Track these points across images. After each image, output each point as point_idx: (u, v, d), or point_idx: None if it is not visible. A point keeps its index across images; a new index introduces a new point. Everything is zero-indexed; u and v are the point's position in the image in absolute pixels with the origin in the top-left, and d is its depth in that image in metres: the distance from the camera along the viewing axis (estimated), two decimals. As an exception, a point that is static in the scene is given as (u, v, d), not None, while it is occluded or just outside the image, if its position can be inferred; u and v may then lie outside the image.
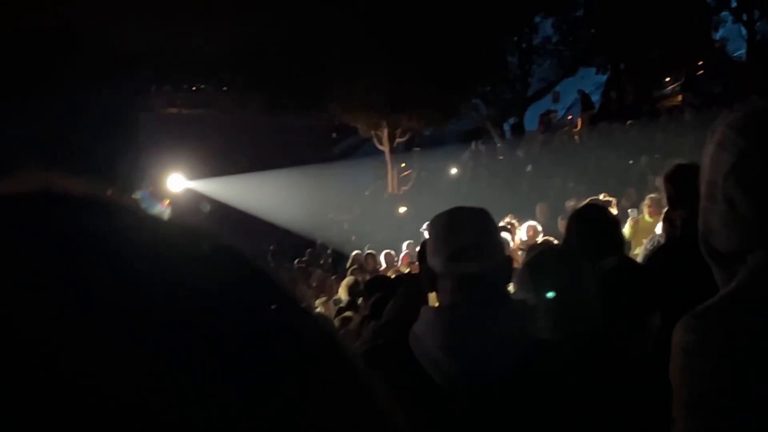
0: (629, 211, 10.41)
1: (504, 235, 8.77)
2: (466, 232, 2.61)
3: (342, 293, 9.38)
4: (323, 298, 11.43)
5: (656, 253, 4.74)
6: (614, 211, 8.64)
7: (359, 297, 7.92)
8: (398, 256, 14.86)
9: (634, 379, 3.02)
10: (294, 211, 26.40)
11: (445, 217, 2.70)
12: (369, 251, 15.43)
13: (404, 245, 15.31)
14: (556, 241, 8.54)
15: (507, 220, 11.52)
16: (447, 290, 2.60)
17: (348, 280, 9.53)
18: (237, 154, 29.44)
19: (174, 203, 23.18)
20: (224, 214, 24.14)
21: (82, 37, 29.53)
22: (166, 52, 30.79)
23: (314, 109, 30.79)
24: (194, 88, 36.45)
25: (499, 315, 2.57)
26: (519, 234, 11.00)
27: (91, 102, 30.13)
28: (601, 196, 11.71)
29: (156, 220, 0.62)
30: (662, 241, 5.96)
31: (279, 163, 28.73)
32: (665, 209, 5.58)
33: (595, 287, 3.24)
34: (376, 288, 6.40)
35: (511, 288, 3.12)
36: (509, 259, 2.79)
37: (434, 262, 2.62)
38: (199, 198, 25.77)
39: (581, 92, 30.49)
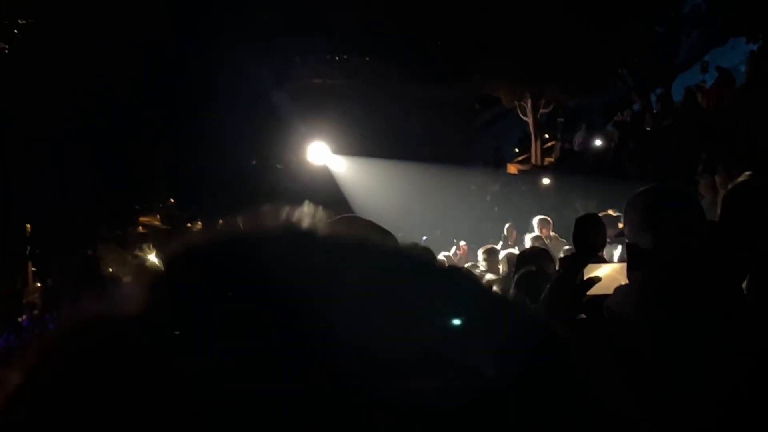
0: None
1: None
2: (679, 211, 2.76)
3: (502, 266, 9.54)
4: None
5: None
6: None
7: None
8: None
9: None
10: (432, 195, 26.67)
11: (654, 196, 2.85)
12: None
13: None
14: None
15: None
16: (654, 267, 2.74)
17: (508, 253, 9.68)
18: (379, 127, 29.77)
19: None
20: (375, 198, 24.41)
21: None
22: (309, 21, 31.29)
23: (457, 80, 30.88)
24: (337, 58, 36.92)
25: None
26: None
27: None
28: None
29: (362, 246, 0.63)
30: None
31: (421, 133, 28.98)
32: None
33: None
34: (530, 262, 6.47)
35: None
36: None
37: (643, 239, 2.78)
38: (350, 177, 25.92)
39: (719, 68, 29.62)
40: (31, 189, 33.50)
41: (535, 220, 13.27)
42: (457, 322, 0.50)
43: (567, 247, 10.56)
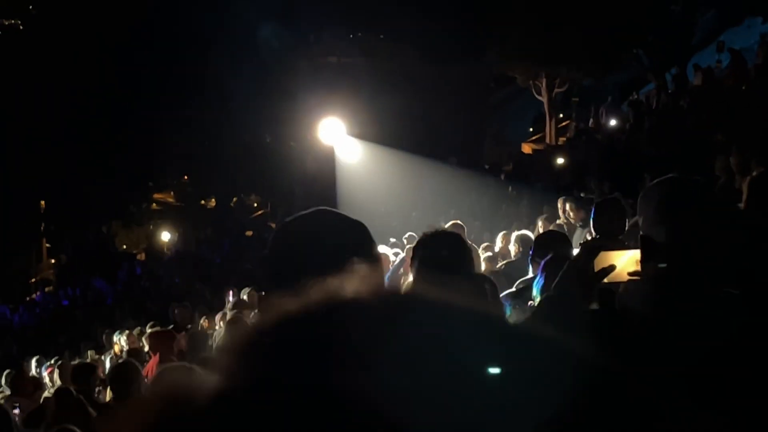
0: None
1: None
2: (694, 204, 2.76)
3: (514, 247, 9.56)
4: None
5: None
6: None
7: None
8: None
9: None
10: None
11: (669, 188, 2.86)
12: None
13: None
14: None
15: None
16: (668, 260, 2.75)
17: (522, 234, 9.70)
18: (393, 106, 29.72)
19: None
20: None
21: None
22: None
23: (472, 59, 30.80)
24: (351, 36, 36.85)
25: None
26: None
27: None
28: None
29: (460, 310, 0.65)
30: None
31: (435, 112, 28.95)
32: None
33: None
34: (548, 246, 6.46)
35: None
36: None
37: (656, 231, 2.79)
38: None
39: (731, 50, 29.43)
40: (45, 165, 33.65)
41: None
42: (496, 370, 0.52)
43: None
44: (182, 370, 4.22)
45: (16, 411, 9.33)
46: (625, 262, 2.71)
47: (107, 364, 9.87)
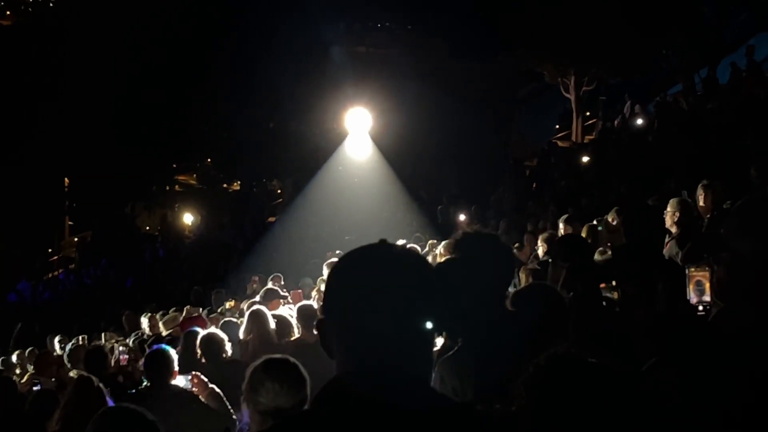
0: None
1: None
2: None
3: (542, 246, 9.60)
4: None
5: None
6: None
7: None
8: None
9: None
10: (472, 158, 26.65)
11: (756, 205, 2.93)
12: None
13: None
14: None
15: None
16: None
17: (547, 234, 9.74)
18: (420, 98, 29.68)
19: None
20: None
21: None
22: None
23: (500, 54, 30.74)
24: (379, 25, 36.83)
25: None
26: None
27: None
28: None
29: None
30: None
31: (463, 106, 28.93)
32: None
33: None
34: (575, 251, 6.44)
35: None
36: None
37: (741, 245, 2.86)
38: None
39: (750, 59, 29.15)
40: (69, 144, 33.81)
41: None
42: None
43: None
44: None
45: (37, 389, 9.42)
46: None
47: (121, 348, 9.84)
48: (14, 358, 14.73)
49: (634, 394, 2.34)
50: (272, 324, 8.36)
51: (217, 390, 6.85)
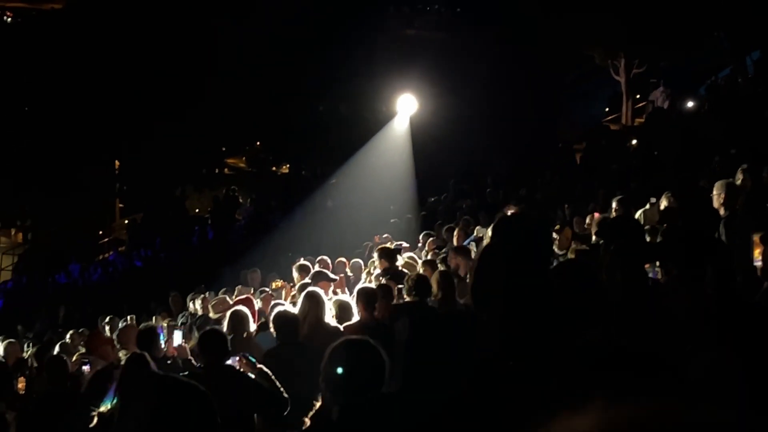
0: None
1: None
2: None
3: (593, 228, 9.58)
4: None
5: None
6: None
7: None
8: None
9: None
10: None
11: None
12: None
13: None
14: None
15: None
16: None
17: (603, 216, 9.71)
18: (468, 81, 29.58)
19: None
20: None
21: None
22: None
23: (551, 37, 30.48)
24: (428, 9, 36.68)
25: None
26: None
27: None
28: None
29: None
30: None
31: (510, 89, 28.80)
32: None
33: None
34: (621, 232, 6.48)
35: None
36: None
37: None
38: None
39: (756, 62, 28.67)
40: (120, 127, 34.13)
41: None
42: None
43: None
44: None
45: (86, 368, 9.58)
46: None
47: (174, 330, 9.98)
48: (68, 338, 14.95)
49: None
50: (329, 306, 8.46)
51: (266, 369, 6.93)
